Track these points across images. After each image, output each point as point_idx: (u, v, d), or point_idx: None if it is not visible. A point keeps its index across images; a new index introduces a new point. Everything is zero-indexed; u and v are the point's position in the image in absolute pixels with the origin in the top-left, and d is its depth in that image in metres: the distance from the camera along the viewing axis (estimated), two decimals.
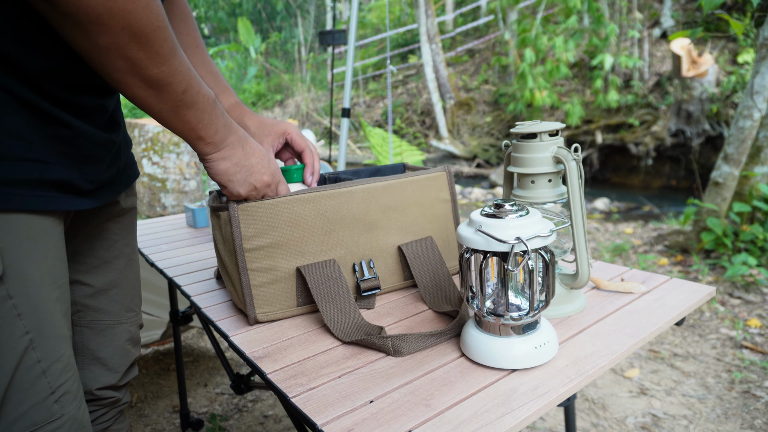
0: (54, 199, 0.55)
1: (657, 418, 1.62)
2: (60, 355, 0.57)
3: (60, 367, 0.57)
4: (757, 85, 2.77)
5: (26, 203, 0.52)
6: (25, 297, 0.53)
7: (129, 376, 0.79)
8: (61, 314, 0.58)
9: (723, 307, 2.35)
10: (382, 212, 0.82)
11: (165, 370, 2.03)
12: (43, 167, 0.53)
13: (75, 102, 0.56)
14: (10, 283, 0.52)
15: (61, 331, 0.57)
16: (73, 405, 0.59)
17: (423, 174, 0.87)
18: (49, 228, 0.56)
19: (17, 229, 0.52)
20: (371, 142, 5.29)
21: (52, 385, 0.56)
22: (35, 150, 0.52)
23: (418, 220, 0.86)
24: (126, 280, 0.77)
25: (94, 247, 0.72)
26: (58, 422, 0.56)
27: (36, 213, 0.54)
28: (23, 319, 0.53)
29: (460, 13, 10.38)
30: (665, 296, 0.81)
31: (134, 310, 0.80)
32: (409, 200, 0.85)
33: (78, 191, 0.59)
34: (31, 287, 0.54)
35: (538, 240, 0.58)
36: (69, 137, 0.56)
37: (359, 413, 0.54)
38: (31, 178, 0.52)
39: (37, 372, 0.55)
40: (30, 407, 0.54)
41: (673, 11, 6.95)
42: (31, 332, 0.54)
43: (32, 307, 0.54)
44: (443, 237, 0.89)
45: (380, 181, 0.82)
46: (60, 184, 0.56)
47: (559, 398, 0.56)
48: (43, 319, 0.55)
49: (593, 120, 6.79)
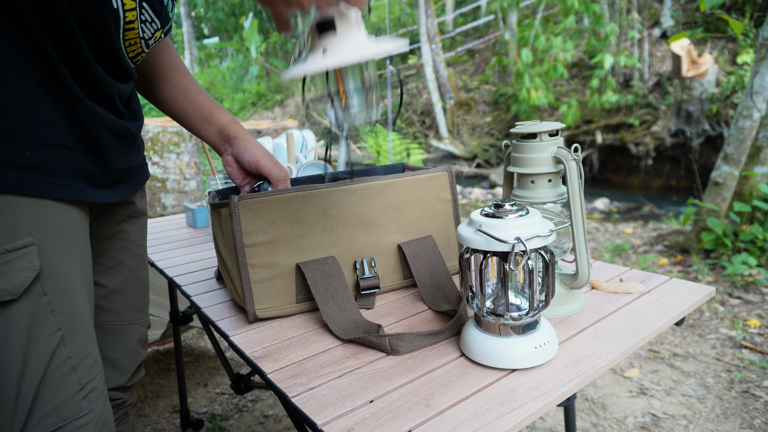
0: (79, 189, 0.56)
1: (657, 417, 1.62)
2: (89, 351, 0.58)
3: (89, 363, 0.58)
4: (756, 86, 2.77)
5: (53, 191, 0.53)
6: (58, 294, 0.54)
7: (136, 377, 0.79)
8: (89, 311, 0.59)
9: (723, 307, 2.35)
10: (382, 210, 0.82)
11: (165, 370, 2.03)
12: (66, 153, 0.53)
13: (97, 84, 0.56)
14: (46, 280, 0.53)
15: (89, 328, 0.58)
16: (100, 401, 0.59)
17: (424, 173, 0.87)
18: (81, 224, 0.57)
19: (54, 223, 0.53)
20: (369, 143, 5.29)
21: (81, 382, 0.57)
22: (58, 134, 0.52)
23: (418, 219, 0.86)
24: (138, 281, 0.78)
25: (111, 248, 0.72)
26: (86, 418, 0.57)
27: (66, 204, 0.54)
28: (56, 316, 0.54)
29: (460, 13, 10.38)
30: (665, 296, 0.81)
31: (144, 311, 0.80)
32: (409, 199, 0.85)
33: (97, 182, 0.59)
34: (65, 284, 0.54)
35: (538, 240, 0.58)
36: (88, 123, 0.56)
37: (359, 413, 0.54)
38: (54, 163, 0.53)
39: (68, 368, 0.55)
40: (60, 403, 0.55)
41: (672, 11, 6.95)
42: (63, 329, 0.54)
43: (65, 303, 0.55)
44: (443, 237, 0.89)
45: (381, 180, 0.82)
46: (81, 172, 0.56)
47: (558, 398, 0.56)
48: (74, 315, 0.56)
49: (593, 120, 6.79)
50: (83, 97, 0.54)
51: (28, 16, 0.48)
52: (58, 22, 0.50)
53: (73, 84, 0.53)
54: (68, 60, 0.52)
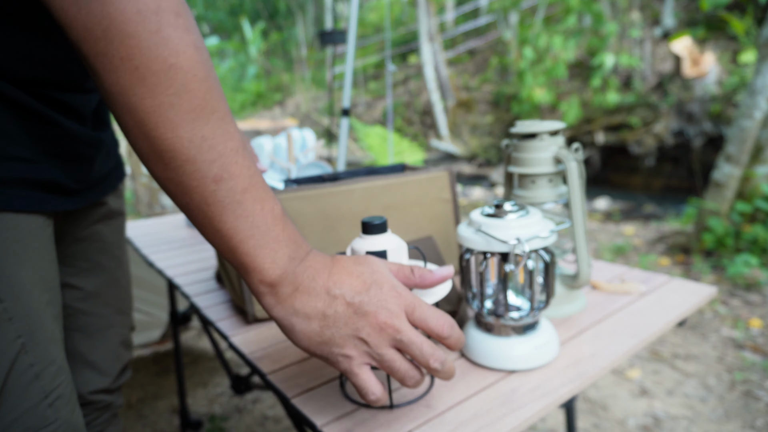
0: (41, 199, 0.54)
1: (658, 418, 1.61)
2: (53, 358, 0.56)
3: (53, 370, 0.56)
4: (758, 85, 2.77)
5: (13, 203, 0.51)
6: (15, 300, 0.52)
7: (122, 379, 0.79)
8: (53, 317, 0.57)
9: (724, 307, 2.34)
10: (382, 210, 0.83)
11: (164, 371, 2.03)
12: (31, 167, 0.52)
13: (62, 100, 0.54)
14: (0, 287, 0.51)
15: (53, 334, 0.56)
16: (67, 409, 0.57)
17: (424, 174, 0.87)
18: (38, 230, 0.55)
19: (6, 230, 0.51)
20: (367, 143, 5.28)
21: (45, 390, 0.55)
22: (22, 149, 0.51)
23: (418, 219, 0.86)
24: (117, 283, 0.76)
25: (85, 250, 0.71)
26: (52, 427, 0.55)
27: (24, 213, 0.53)
28: (14, 323, 0.52)
29: (461, 13, 10.38)
30: (666, 297, 0.80)
31: (125, 313, 0.79)
32: (409, 199, 0.85)
33: (66, 191, 0.58)
34: (22, 291, 0.53)
35: (538, 240, 0.58)
36: (57, 136, 0.54)
37: (359, 414, 0.54)
38: (17, 177, 0.51)
39: (30, 376, 0.53)
40: (23, 412, 0.53)
41: (674, 11, 6.94)
42: (23, 336, 0.53)
43: (23, 310, 0.53)
44: (443, 237, 0.89)
45: (381, 180, 0.82)
46: (47, 184, 0.54)
47: (559, 399, 0.56)
48: (35, 322, 0.54)
49: (594, 120, 6.78)
50: (49, 111, 0.52)
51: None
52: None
53: (38, 96, 0.52)
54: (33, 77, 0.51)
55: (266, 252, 0.42)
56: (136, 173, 3.90)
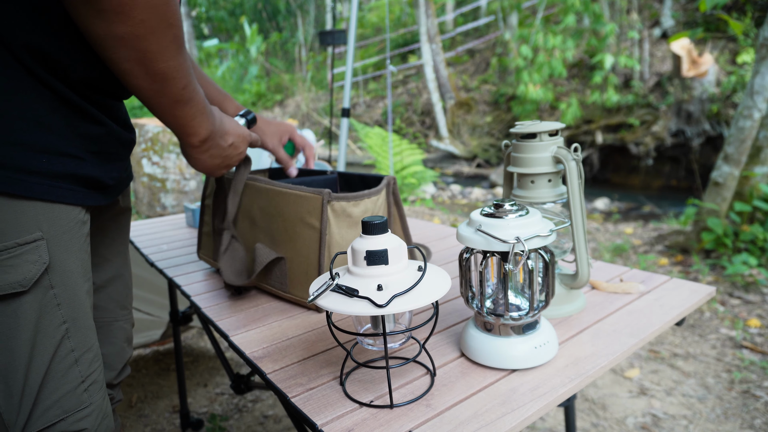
0: (85, 194, 0.58)
1: (657, 418, 1.62)
2: (90, 345, 0.60)
3: (90, 357, 0.59)
4: (757, 85, 2.77)
5: (66, 196, 0.55)
6: (64, 288, 0.56)
7: (123, 374, 0.80)
8: (90, 307, 0.61)
9: (723, 307, 2.35)
10: (259, 211, 0.87)
11: (165, 370, 2.03)
12: (78, 163, 0.56)
13: (105, 103, 0.60)
14: (53, 274, 0.55)
15: (91, 322, 0.60)
16: (100, 395, 0.61)
17: (297, 190, 0.81)
18: (82, 223, 0.59)
19: (58, 221, 0.55)
20: (367, 143, 5.28)
21: (82, 374, 0.58)
22: (71, 146, 0.55)
23: (280, 233, 0.84)
24: (121, 277, 0.79)
25: (95, 244, 0.73)
26: (87, 410, 0.59)
27: (72, 206, 0.57)
28: (62, 309, 0.56)
29: (460, 13, 10.38)
30: (665, 296, 0.81)
31: (128, 308, 0.81)
32: (276, 210, 0.84)
33: (103, 187, 0.62)
34: (70, 278, 0.56)
35: (538, 240, 0.58)
36: (100, 135, 0.59)
37: (359, 413, 0.54)
38: (68, 172, 0.55)
39: (71, 361, 0.57)
40: (63, 395, 0.56)
41: (673, 11, 6.95)
42: (67, 322, 0.56)
43: (69, 297, 0.56)
44: (302, 265, 0.81)
45: (262, 183, 0.86)
46: (90, 180, 0.58)
47: (559, 398, 0.56)
48: (78, 309, 0.58)
49: (593, 120, 6.79)
50: (97, 112, 0.58)
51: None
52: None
53: (88, 99, 0.57)
54: (86, 78, 0.56)
55: (201, 122, 0.66)
56: (136, 173, 3.90)
